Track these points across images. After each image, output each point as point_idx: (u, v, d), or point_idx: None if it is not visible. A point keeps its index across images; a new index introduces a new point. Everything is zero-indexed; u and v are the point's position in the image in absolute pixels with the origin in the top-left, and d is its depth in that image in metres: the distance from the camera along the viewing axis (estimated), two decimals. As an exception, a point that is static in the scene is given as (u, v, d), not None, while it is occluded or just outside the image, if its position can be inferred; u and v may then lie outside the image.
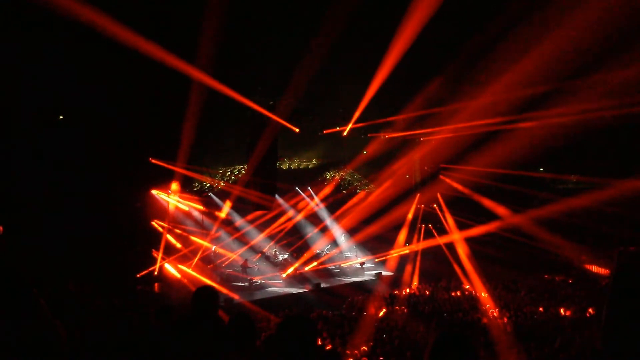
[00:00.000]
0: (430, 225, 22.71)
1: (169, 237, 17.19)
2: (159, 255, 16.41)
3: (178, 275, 16.60)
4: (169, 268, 16.69)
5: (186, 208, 18.20)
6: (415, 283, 18.78)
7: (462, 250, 19.71)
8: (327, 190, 22.51)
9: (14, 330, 1.92)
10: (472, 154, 19.14)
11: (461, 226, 21.07)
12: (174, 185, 16.99)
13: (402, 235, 22.11)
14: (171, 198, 17.29)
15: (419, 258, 20.90)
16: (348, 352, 9.77)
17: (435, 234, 21.91)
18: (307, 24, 12.29)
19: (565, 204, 17.98)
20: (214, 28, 10.96)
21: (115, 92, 13.21)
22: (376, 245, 21.71)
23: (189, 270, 17.04)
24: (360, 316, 13.16)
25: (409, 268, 20.50)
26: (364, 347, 9.95)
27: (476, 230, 19.95)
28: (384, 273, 20.86)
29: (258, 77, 15.09)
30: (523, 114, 15.52)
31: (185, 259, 17.34)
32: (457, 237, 20.54)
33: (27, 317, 1.96)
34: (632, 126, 15.62)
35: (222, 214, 18.56)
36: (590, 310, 12.95)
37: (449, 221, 21.63)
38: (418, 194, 22.43)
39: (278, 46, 13.36)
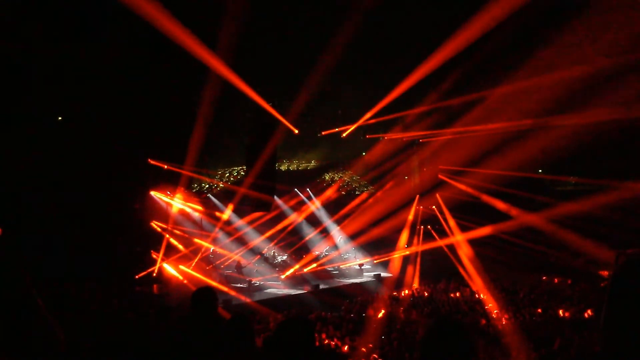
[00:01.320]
0: (429, 227, 22.69)
1: (173, 241, 17.18)
2: (159, 257, 16.40)
3: (179, 277, 16.60)
4: (169, 269, 16.69)
5: (188, 210, 18.21)
6: (415, 284, 18.74)
7: (463, 252, 19.69)
8: (329, 192, 22.49)
9: (12, 331, 1.92)
10: (471, 155, 19.18)
11: (461, 228, 21.05)
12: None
13: (404, 237, 22.08)
14: (169, 199, 17.27)
15: (418, 259, 20.89)
16: (346, 353, 9.77)
17: (436, 235, 21.87)
18: (307, 24, 12.30)
19: (564, 208, 17.99)
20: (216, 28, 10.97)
21: (114, 92, 13.21)
22: (377, 247, 21.69)
23: (189, 270, 17.06)
24: (359, 318, 13.16)
25: (409, 269, 20.54)
26: (363, 349, 9.95)
27: (475, 232, 19.96)
28: (383, 274, 20.85)
29: (257, 78, 15.08)
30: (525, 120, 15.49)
31: (184, 260, 17.34)
32: (457, 239, 20.52)
33: (26, 317, 1.96)
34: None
35: (225, 216, 18.57)
36: (589, 311, 12.97)
37: (450, 223, 21.58)
38: (417, 196, 22.41)
39: (278, 47, 13.36)
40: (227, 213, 18.60)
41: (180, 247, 17.42)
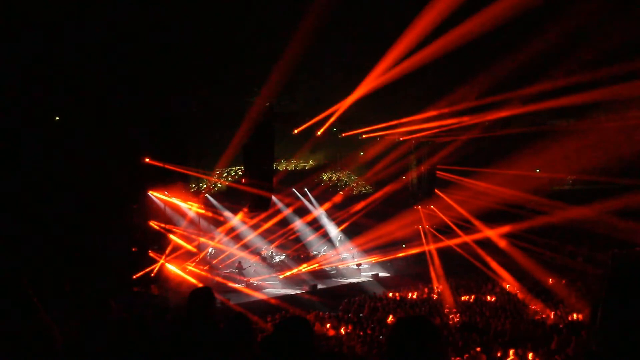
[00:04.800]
0: (427, 226, 22.61)
1: (175, 238, 17.16)
2: (162, 257, 16.39)
3: (184, 275, 16.63)
4: (171, 268, 16.66)
5: (185, 209, 18.18)
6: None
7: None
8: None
9: (9, 330, 1.92)
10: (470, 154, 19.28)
11: (462, 228, 21.06)
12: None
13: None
14: (166, 197, 17.21)
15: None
16: (345, 352, 9.77)
17: (439, 235, 21.83)
18: (306, 25, 12.27)
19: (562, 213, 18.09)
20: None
21: (112, 91, 13.19)
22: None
23: (193, 268, 17.14)
24: (357, 317, 13.17)
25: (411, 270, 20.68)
26: (361, 348, 9.96)
27: (478, 235, 20.06)
28: (381, 274, 20.92)
29: (255, 79, 15.08)
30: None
31: (185, 258, 17.31)
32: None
33: (22, 317, 1.96)
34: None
35: (237, 218, 18.68)
36: (586, 311, 13.00)
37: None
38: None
39: (276, 47, 13.35)
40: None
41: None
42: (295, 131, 17.61)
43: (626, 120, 15.64)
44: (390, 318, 12.95)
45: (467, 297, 15.99)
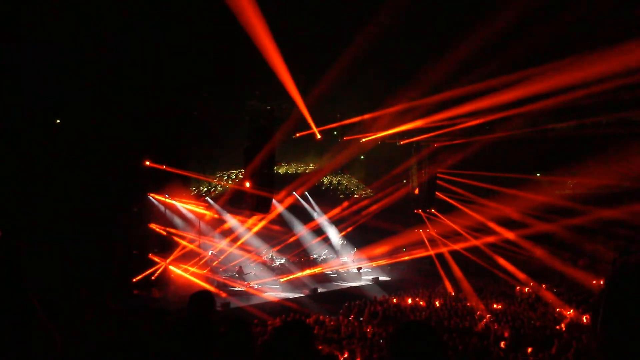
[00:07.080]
0: (428, 230, 22.60)
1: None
2: (164, 260, 16.39)
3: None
4: (175, 270, 16.66)
5: (185, 211, 18.19)
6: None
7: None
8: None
9: (10, 333, 1.92)
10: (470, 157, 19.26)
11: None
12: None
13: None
14: (167, 200, 17.22)
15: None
16: (346, 356, 9.75)
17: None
18: (306, 25, 12.29)
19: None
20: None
21: (112, 93, 13.22)
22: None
23: (196, 270, 17.15)
24: (357, 321, 13.14)
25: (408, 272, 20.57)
26: (361, 352, 9.92)
27: (475, 240, 20.08)
28: (381, 278, 20.89)
29: (256, 81, 15.09)
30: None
31: (185, 262, 17.31)
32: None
33: (23, 320, 1.96)
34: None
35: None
36: (587, 316, 12.98)
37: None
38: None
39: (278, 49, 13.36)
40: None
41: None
42: (297, 135, 17.62)
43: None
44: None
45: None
